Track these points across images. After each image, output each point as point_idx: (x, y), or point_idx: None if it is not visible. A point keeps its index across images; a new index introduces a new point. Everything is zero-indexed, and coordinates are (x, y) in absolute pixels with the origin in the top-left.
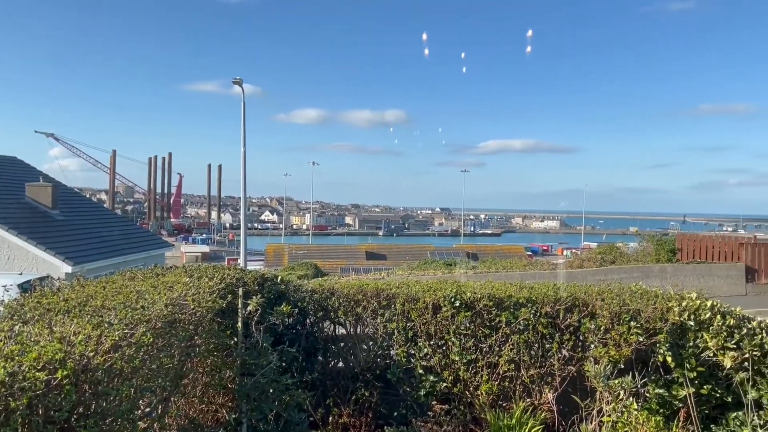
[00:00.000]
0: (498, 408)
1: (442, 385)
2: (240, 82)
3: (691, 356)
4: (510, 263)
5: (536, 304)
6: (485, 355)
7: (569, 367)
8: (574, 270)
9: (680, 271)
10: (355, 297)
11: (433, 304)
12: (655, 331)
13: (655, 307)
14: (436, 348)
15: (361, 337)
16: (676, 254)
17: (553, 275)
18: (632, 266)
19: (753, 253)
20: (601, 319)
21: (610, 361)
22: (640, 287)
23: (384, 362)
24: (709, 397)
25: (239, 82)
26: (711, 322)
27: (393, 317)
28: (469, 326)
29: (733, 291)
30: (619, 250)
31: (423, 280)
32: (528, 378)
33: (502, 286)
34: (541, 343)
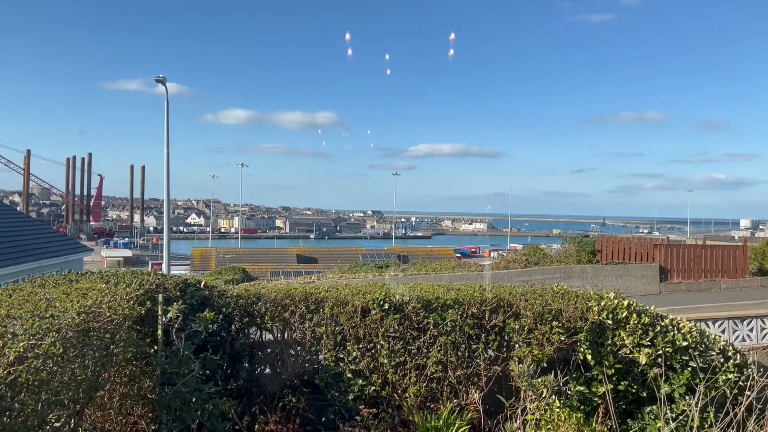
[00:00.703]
0: (426, 410)
1: (371, 389)
2: (163, 81)
3: (609, 354)
4: (439, 265)
5: (463, 306)
6: (414, 357)
7: (495, 367)
8: (501, 271)
9: (600, 272)
10: (283, 302)
11: (362, 308)
12: (575, 330)
13: (575, 306)
14: (365, 351)
15: (289, 342)
16: (596, 255)
17: (480, 277)
18: (555, 267)
19: (666, 254)
20: (525, 319)
21: (534, 360)
22: (561, 288)
23: (312, 367)
24: (626, 392)
25: (162, 80)
26: (628, 321)
27: (322, 321)
28: (398, 329)
29: (648, 290)
30: (542, 252)
31: (353, 283)
32: (455, 379)
33: (430, 288)
34: (468, 343)
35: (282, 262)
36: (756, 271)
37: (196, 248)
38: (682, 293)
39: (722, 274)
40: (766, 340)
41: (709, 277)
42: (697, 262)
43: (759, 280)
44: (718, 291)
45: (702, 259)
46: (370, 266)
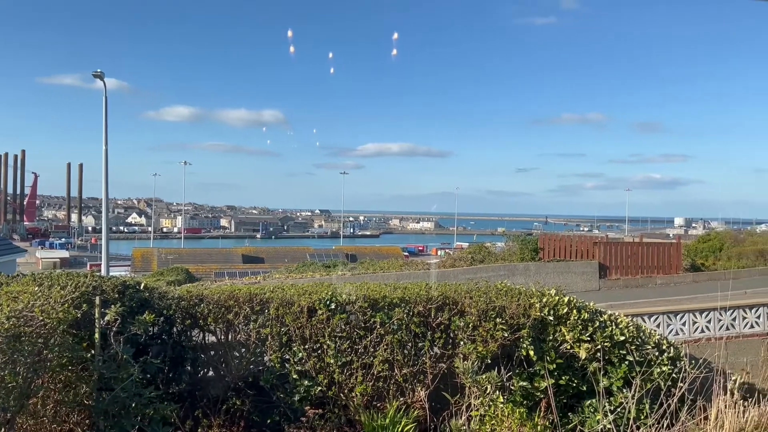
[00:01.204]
0: (372, 409)
1: (317, 389)
2: (101, 76)
3: (551, 349)
4: (387, 264)
5: (409, 304)
6: (360, 357)
7: (440, 365)
8: (447, 269)
9: (542, 269)
10: (226, 303)
11: (309, 308)
12: (519, 327)
13: (518, 303)
14: (311, 352)
15: (233, 344)
16: (538, 253)
17: (427, 275)
18: (499, 265)
19: (605, 251)
20: (469, 316)
21: (479, 357)
22: (505, 285)
23: (257, 369)
24: (567, 387)
25: (100, 75)
26: (568, 317)
27: (266, 322)
28: (345, 328)
29: (588, 286)
30: (487, 250)
31: (300, 283)
32: (401, 377)
33: (377, 287)
34: (414, 342)
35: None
36: (689, 267)
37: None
38: (620, 289)
39: (658, 270)
40: (698, 334)
41: (646, 274)
42: (634, 259)
43: (692, 275)
44: (654, 287)
45: (639, 256)
46: (318, 266)
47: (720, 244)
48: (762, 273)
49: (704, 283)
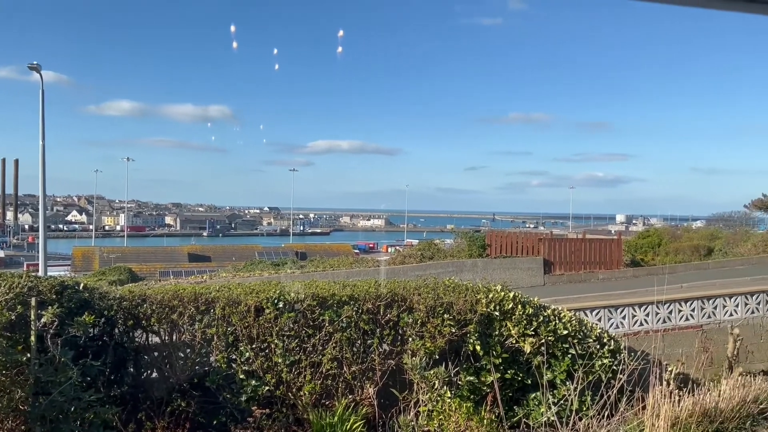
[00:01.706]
0: (321, 407)
1: (265, 389)
2: (38, 68)
3: (497, 344)
4: (337, 262)
5: (358, 302)
6: (309, 355)
7: (389, 361)
8: (397, 266)
9: (489, 265)
10: (170, 303)
11: (256, 307)
12: (466, 322)
13: (466, 299)
14: (259, 351)
15: (178, 344)
16: (486, 249)
17: (377, 272)
18: (448, 261)
19: (550, 247)
20: (418, 312)
21: (427, 352)
22: (453, 281)
23: (203, 370)
24: (513, 380)
25: (37, 67)
26: (513, 312)
27: (212, 322)
28: (293, 327)
29: (533, 281)
30: (437, 247)
31: (248, 282)
32: (350, 375)
33: (326, 285)
34: (363, 339)
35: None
36: (629, 263)
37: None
38: (564, 284)
39: (600, 265)
40: (637, 327)
41: (588, 269)
42: (578, 254)
43: (632, 270)
44: (596, 281)
45: (582, 252)
46: (267, 264)
47: (658, 240)
48: (697, 267)
49: (643, 277)
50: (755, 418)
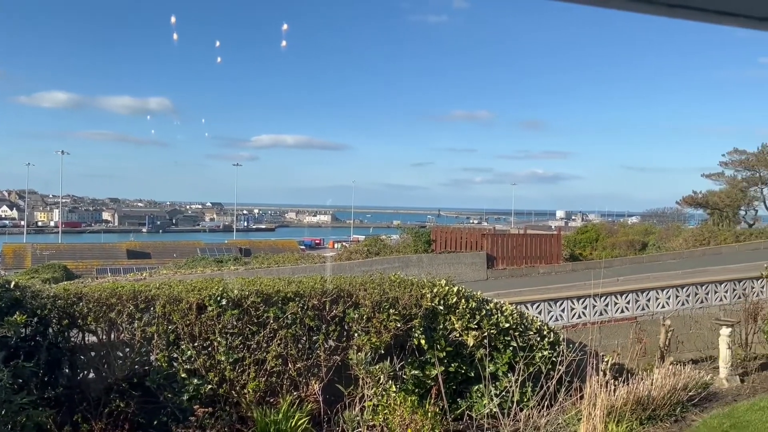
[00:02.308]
0: (265, 404)
1: (207, 388)
2: None
3: (441, 338)
4: (283, 258)
5: (304, 298)
6: (253, 353)
7: (335, 357)
8: (343, 262)
9: (435, 260)
10: (108, 301)
11: (198, 304)
12: (411, 317)
13: (411, 294)
14: (201, 349)
15: (116, 344)
16: (431, 245)
17: (323, 268)
18: (394, 257)
19: (493, 242)
20: (363, 308)
21: (372, 347)
22: (398, 277)
23: (143, 369)
24: (457, 373)
25: None
26: (457, 306)
27: (153, 320)
28: (237, 324)
29: (477, 276)
30: (383, 243)
31: (190, 279)
32: (295, 371)
33: (270, 281)
34: (309, 335)
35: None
36: (568, 257)
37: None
38: (506, 278)
39: (540, 260)
40: (576, 319)
41: (529, 264)
42: (519, 249)
43: (571, 265)
44: (537, 276)
45: (523, 247)
46: (209, 261)
47: (596, 235)
48: (632, 261)
49: (582, 271)
50: (684, 404)
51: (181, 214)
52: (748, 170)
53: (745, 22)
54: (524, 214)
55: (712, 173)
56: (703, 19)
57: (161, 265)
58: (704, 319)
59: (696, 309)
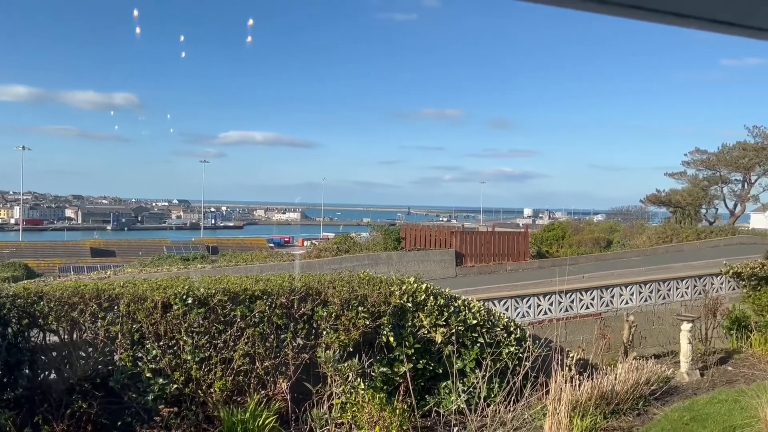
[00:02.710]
0: (232, 403)
1: (173, 387)
2: None
3: (409, 335)
4: (251, 256)
5: (272, 296)
6: (219, 352)
7: (303, 355)
8: (312, 260)
9: (404, 258)
10: (70, 300)
11: (163, 303)
12: (380, 314)
13: (380, 291)
14: (167, 349)
15: (79, 343)
16: (401, 242)
17: (292, 266)
18: (364, 254)
19: (461, 240)
20: (332, 306)
21: (341, 345)
22: (368, 274)
23: (107, 369)
24: (425, 370)
25: None
26: (426, 303)
27: (116, 319)
28: (203, 323)
29: (445, 273)
30: (353, 240)
31: (155, 277)
32: (263, 370)
33: (238, 280)
34: (277, 334)
35: (73, 257)
36: (535, 254)
37: None
38: (475, 276)
39: (508, 257)
40: (542, 315)
41: (497, 261)
42: (487, 247)
43: (537, 262)
44: (505, 273)
45: (491, 245)
46: (176, 259)
47: (562, 233)
48: (597, 259)
49: (548, 268)
50: (647, 398)
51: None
52: (709, 169)
53: (745, 32)
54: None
55: (674, 172)
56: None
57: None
58: (666, 314)
59: (658, 305)
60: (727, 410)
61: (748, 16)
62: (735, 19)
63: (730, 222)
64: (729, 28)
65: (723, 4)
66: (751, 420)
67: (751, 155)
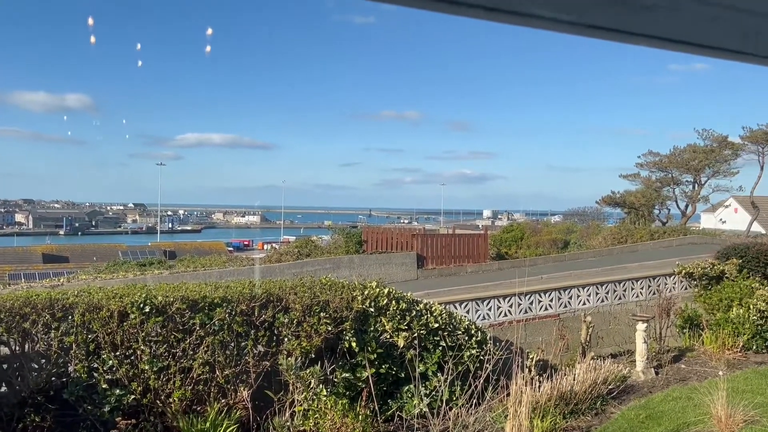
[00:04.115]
0: (192, 413)
1: (131, 398)
2: None
3: (372, 340)
4: (209, 260)
5: (232, 303)
6: (178, 361)
7: (264, 363)
8: (273, 264)
9: (366, 261)
10: (22, 310)
11: (120, 312)
12: (342, 320)
13: (342, 297)
14: (123, 359)
15: (31, 355)
16: (362, 245)
17: (252, 271)
18: (325, 258)
19: (423, 242)
20: (294, 312)
21: (303, 352)
22: (329, 279)
23: (60, 381)
24: (387, 374)
25: None
26: (388, 308)
27: (71, 330)
28: (161, 332)
29: (407, 276)
30: (314, 244)
31: (111, 284)
32: (223, 378)
33: (197, 287)
34: (237, 341)
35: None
36: (495, 256)
37: None
38: (436, 278)
39: (468, 259)
40: (502, 317)
41: (458, 263)
42: (448, 249)
43: (497, 263)
44: (465, 275)
45: (452, 247)
46: (132, 264)
47: (521, 234)
48: (555, 260)
49: (508, 270)
50: (604, 397)
51: (102, 215)
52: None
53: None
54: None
55: (628, 174)
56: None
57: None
58: (622, 314)
59: (615, 305)
60: (681, 408)
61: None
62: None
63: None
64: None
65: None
66: (703, 417)
67: (700, 157)
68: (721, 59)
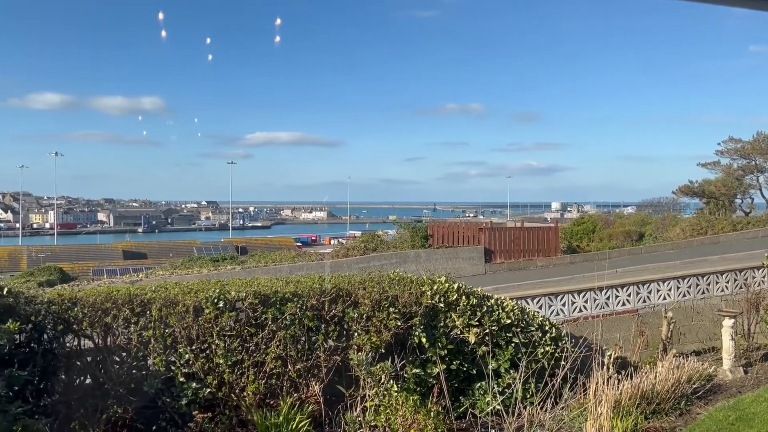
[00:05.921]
0: (265, 407)
1: (206, 391)
2: None
3: (442, 335)
4: (279, 256)
5: (302, 298)
6: (251, 355)
7: (335, 357)
8: (340, 259)
9: (432, 256)
10: (103, 305)
11: (195, 307)
12: (411, 315)
13: (411, 292)
14: (199, 353)
15: (113, 349)
16: (428, 240)
17: (320, 266)
18: (392, 253)
19: (490, 236)
20: (363, 307)
21: (372, 347)
22: (398, 274)
23: (140, 374)
24: (458, 371)
25: None
26: (458, 303)
27: (149, 324)
28: (234, 326)
29: (475, 271)
30: (380, 238)
31: (186, 279)
32: (295, 373)
33: (268, 282)
34: (308, 336)
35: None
36: (566, 249)
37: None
38: (505, 272)
39: (538, 253)
40: (576, 313)
41: (527, 257)
42: (517, 243)
43: (569, 257)
44: (535, 269)
45: (521, 240)
46: (206, 260)
47: (593, 227)
48: (630, 253)
49: (580, 264)
50: (689, 397)
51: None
52: (743, 158)
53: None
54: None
55: (707, 162)
56: None
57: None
58: (706, 310)
59: (697, 300)
60: None
61: None
62: None
63: (766, 212)
64: None
65: None
66: None
67: None
68: None
